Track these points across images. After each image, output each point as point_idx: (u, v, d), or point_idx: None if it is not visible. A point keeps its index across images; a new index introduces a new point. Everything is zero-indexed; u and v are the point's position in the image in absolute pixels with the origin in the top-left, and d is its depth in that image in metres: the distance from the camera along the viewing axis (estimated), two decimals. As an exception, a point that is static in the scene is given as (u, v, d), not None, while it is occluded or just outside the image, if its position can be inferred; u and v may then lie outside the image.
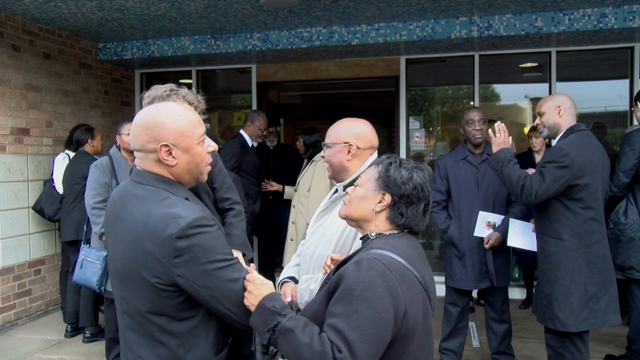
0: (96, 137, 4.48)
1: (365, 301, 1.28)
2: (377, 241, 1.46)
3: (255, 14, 4.65)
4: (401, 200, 1.46)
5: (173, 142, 1.43)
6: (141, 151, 1.46)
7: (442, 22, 4.89)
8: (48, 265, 5.01)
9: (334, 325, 1.28)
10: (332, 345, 1.26)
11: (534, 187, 2.66)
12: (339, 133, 1.97)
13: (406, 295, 1.33)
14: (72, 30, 5.13)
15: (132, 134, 1.47)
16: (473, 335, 4.27)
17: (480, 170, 3.33)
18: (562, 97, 2.88)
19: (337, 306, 1.31)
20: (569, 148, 2.67)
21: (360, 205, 1.51)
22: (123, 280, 1.44)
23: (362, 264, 1.33)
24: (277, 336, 1.32)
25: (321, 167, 4.27)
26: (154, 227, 1.35)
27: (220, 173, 2.28)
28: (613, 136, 5.31)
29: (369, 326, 1.27)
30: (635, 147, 3.37)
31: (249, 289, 1.41)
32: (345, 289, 1.31)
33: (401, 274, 1.35)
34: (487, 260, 3.26)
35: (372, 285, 1.29)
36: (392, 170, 1.48)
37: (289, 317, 1.34)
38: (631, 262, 3.31)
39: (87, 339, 4.16)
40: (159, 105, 1.52)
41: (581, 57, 5.48)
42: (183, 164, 1.47)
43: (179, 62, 5.94)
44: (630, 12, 4.51)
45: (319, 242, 1.97)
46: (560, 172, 2.64)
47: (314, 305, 1.44)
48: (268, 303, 1.37)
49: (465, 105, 5.90)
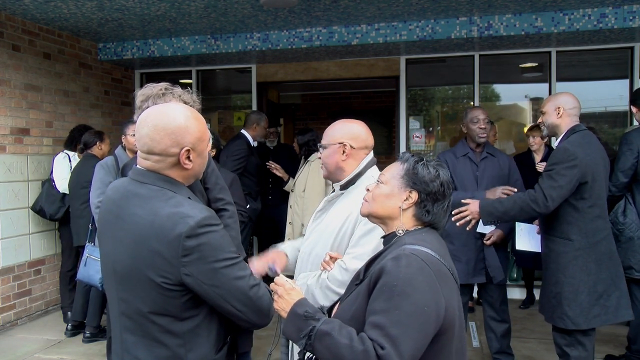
0: (105, 141, 4.47)
1: (407, 296, 1.27)
2: (407, 237, 1.46)
3: (255, 14, 4.65)
4: (428, 197, 1.48)
5: (192, 147, 1.45)
6: (161, 155, 1.43)
7: (442, 22, 4.90)
8: (48, 265, 5.01)
9: (375, 322, 1.28)
10: (374, 343, 1.25)
11: (547, 193, 2.63)
12: (334, 134, 2.00)
13: (445, 289, 1.34)
14: (72, 30, 5.13)
15: (151, 137, 1.42)
16: (473, 335, 4.27)
17: (480, 167, 3.34)
18: (564, 97, 2.87)
19: (376, 303, 1.31)
20: (573, 148, 2.67)
21: (386, 202, 1.51)
22: (123, 281, 1.43)
23: (401, 260, 1.33)
24: (314, 341, 1.31)
25: (316, 168, 4.27)
26: (161, 226, 1.35)
27: (213, 174, 2.28)
28: (613, 136, 5.31)
29: (411, 321, 1.26)
30: (634, 147, 3.37)
31: (279, 293, 1.41)
32: (385, 285, 1.31)
33: (438, 269, 1.36)
34: (487, 255, 3.26)
35: (412, 281, 1.29)
36: (420, 168, 1.49)
37: (324, 321, 1.34)
38: (630, 262, 3.31)
39: (87, 339, 4.16)
40: (171, 107, 1.49)
41: (581, 57, 5.48)
42: (196, 167, 1.49)
43: (179, 62, 5.94)
44: (630, 12, 4.51)
45: (316, 241, 1.98)
46: (571, 172, 2.63)
47: (352, 307, 1.42)
48: (300, 309, 1.37)
49: (466, 105, 5.90)
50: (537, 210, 2.68)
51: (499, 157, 3.42)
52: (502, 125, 5.94)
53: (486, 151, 3.38)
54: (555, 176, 2.64)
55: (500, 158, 3.42)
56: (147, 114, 1.47)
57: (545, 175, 2.71)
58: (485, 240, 3.25)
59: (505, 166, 3.38)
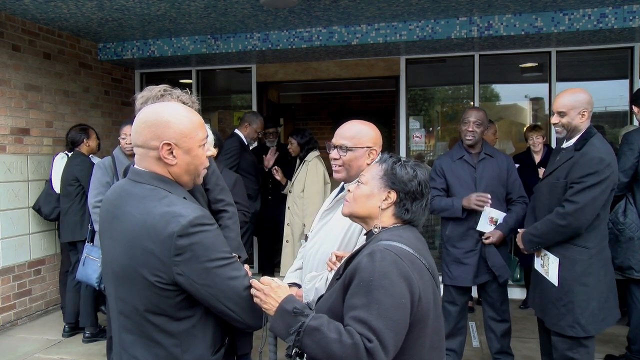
0: (91, 137, 4.48)
1: (384, 290, 1.32)
2: (383, 233, 1.51)
3: (255, 14, 4.65)
4: (407, 196, 1.53)
5: (175, 142, 1.45)
6: (143, 147, 1.46)
7: (442, 22, 4.90)
8: (48, 265, 5.01)
9: (358, 317, 1.31)
10: (361, 337, 1.29)
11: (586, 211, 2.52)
12: (360, 137, 1.97)
13: (419, 281, 1.39)
14: (72, 30, 5.13)
15: (135, 130, 1.47)
16: (473, 335, 4.27)
17: (477, 169, 3.32)
18: (586, 96, 2.69)
19: (356, 298, 1.35)
20: (608, 157, 2.56)
21: (366, 202, 1.56)
22: (120, 280, 1.43)
23: (376, 255, 1.37)
24: (303, 337, 1.33)
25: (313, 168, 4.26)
26: (154, 225, 1.36)
27: (214, 174, 2.28)
28: (613, 136, 5.31)
29: (392, 313, 1.31)
30: (634, 147, 3.37)
31: (266, 292, 1.42)
32: (362, 280, 1.35)
33: (412, 262, 1.41)
34: (490, 255, 3.25)
35: (388, 274, 1.34)
36: (398, 169, 1.54)
37: (312, 317, 1.36)
38: (630, 262, 3.30)
39: (87, 339, 4.17)
40: (165, 104, 1.52)
41: (581, 57, 5.48)
42: (183, 164, 1.48)
43: (179, 62, 5.94)
44: (630, 12, 4.51)
45: (323, 240, 1.99)
46: (606, 184, 2.55)
47: (329, 301, 1.47)
48: (288, 306, 1.40)
49: (465, 105, 5.90)
50: (572, 230, 2.58)
51: (498, 158, 3.39)
52: (502, 125, 5.94)
53: (484, 152, 3.36)
54: (592, 189, 2.52)
55: (498, 158, 3.39)
56: (140, 113, 1.51)
57: (581, 189, 2.55)
58: (484, 239, 3.25)
59: (504, 166, 3.35)
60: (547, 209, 2.74)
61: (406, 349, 1.38)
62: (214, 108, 6.85)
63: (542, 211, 2.80)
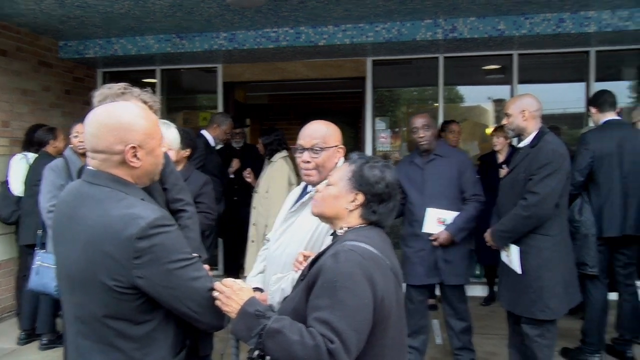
0: (58, 137, 4.35)
1: (348, 291, 1.32)
2: (349, 234, 1.51)
3: (222, 14, 4.61)
4: (374, 198, 1.53)
5: (140, 144, 1.42)
6: (105, 152, 1.42)
7: (408, 24, 4.96)
8: (4, 270, 4.82)
9: (321, 318, 1.31)
10: (323, 338, 1.28)
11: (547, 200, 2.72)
12: (330, 136, 1.99)
13: (381, 281, 1.39)
14: (32, 27, 4.96)
15: (94, 135, 1.42)
16: (436, 333, 4.34)
17: (425, 171, 3.38)
18: (528, 99, 2.94)
19: (320, 299, 1.34)
20: (560, 149, 2.80)
21: (334, 203, 1.56)
22: (76, 285, 1.40)
23: (340, 256, 1.38)
24: (264, 339, 1.32)
25: (279, 168, 4.23)
26: (112, 228, 1.33)
27: (172, 174, 2.24)
28: (571, 137, 5.49)
29: (355, 314, 1.32)
30: (590, 147, 3.50)
31: (227, 295, 1.40)
32: (326, 281, 1.35)
33: (376, 263, 1.41)
34: (439, 258, 3.31)
35: (351, 275, 1.34)
36: (367, 170, 1.54)
37: (274, 319, 1.36)
38: (584, 259, 3.42)
39: (44, 346, 4.01)
40: (119, 105, 1.49)
41: (542, 60, 5.65)
42: (146, 166, 1.46)
43: (143, 61, 5.82)
44: (586, 17, 4.68)
45: (289, 242, 1.98)
46: (561, 173, 2.75)
47: (293, 302, 1.46)
48: (250, 308, 1.38)
49: (430, 106, 6.00)
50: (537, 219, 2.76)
51: (451, 158, 3.40)
52: (466, 126, 6.06)
53: (434, 153, 3.39)
54: (552, 179, 2.72)
55: (451, 158, 3.40)
56: (93, 113, 1.46)
57: (539, 182, 2.74)
58: (432, 240, 3.30)
59: (455, 166, 3.36)
60: (511, 204, 2.88)
61: (368, 349, 1.39)
62: (180, 108, 6.74)
63: (506, 207, 2.93)
